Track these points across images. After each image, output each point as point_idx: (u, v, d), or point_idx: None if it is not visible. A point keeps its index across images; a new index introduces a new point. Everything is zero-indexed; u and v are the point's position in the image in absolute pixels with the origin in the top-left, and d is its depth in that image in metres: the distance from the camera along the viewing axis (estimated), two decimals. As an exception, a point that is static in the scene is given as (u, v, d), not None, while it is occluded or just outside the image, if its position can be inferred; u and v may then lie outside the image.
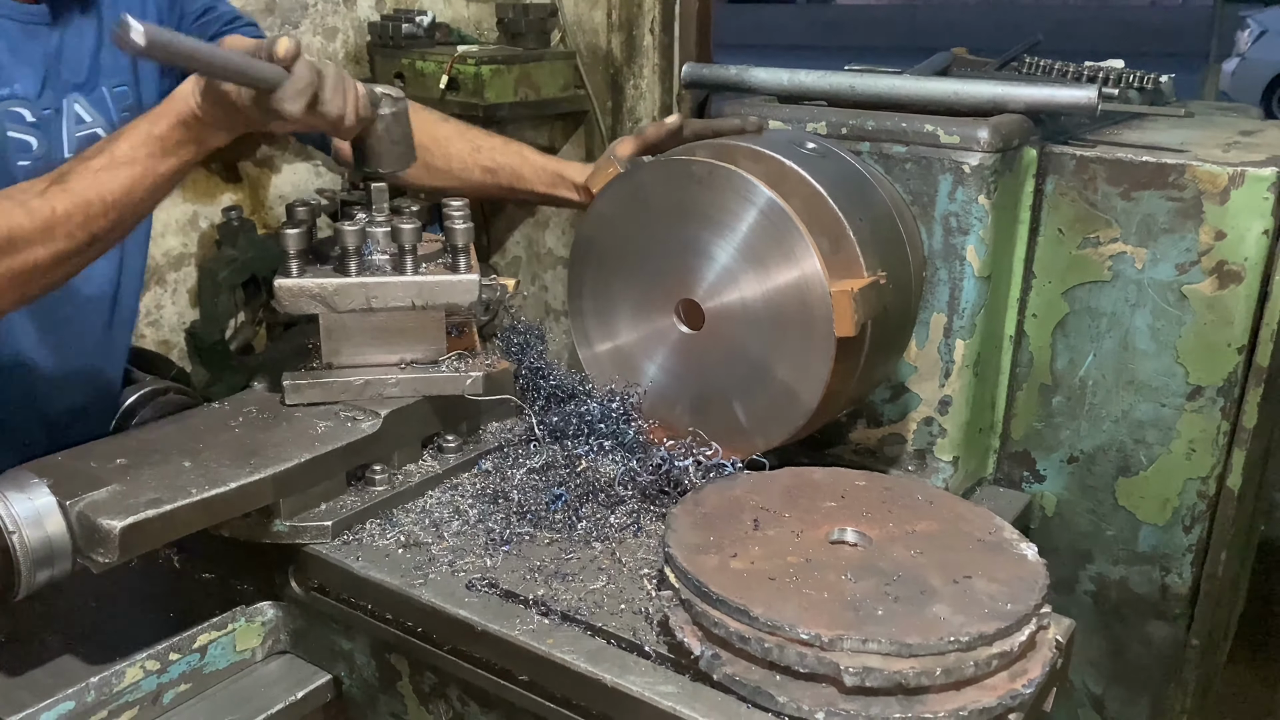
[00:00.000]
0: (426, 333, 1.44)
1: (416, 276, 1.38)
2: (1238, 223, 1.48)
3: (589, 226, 1.51)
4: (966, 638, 0.97)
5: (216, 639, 1.29)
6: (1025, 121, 1.58)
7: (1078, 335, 1.62)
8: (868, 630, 0.98)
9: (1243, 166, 1.47)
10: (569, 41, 3.57)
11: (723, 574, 1.07)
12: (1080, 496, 1.69)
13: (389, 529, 1.33)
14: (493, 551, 1.27)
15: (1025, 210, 1.62)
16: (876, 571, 1.08)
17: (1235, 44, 12.34)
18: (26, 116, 1.58)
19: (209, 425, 1.36)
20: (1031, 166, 1.60)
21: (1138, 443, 1.61)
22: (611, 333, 1.52)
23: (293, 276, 1.37)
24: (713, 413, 1.43)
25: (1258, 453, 1.65)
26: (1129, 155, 1.54)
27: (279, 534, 1.29)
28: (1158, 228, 1.53)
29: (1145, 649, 1.70)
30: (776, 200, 1.31)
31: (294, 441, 1.32)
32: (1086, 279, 1.60)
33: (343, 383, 1.42)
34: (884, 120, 1.59)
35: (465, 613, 1.16)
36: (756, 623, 1.00)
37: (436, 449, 1.47)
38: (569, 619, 1.15)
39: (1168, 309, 1.54)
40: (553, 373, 1.55)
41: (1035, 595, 1.04)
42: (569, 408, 1.46)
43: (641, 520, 1.33)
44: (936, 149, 1.54)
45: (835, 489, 1.25)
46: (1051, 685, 1.08)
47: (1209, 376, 1.54)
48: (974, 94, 1.59)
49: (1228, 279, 1.50)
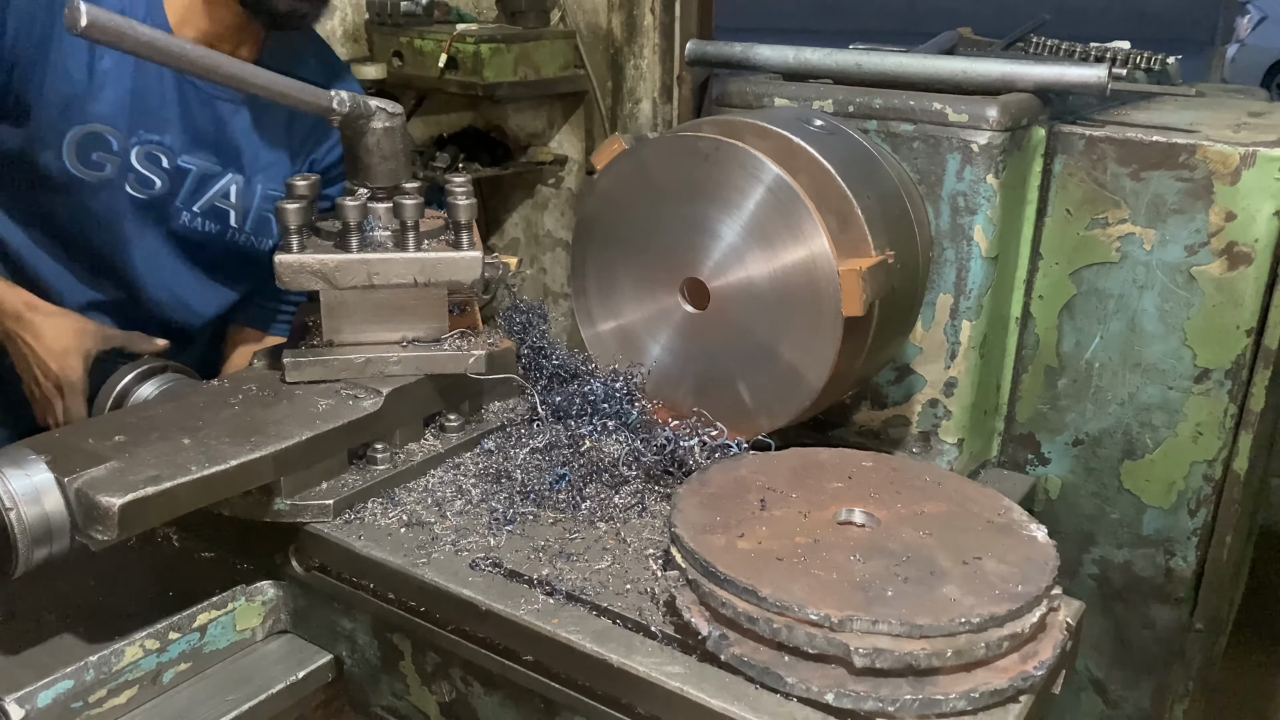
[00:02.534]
0: (428, 310, 1.43)
1: (419, 253, 1.36)
2: (1248, 204, 1.46)
3: (593, 204, 1.49)
4: (978, 619, 0.96)
5: (216, 618, 1.28)
6: (1034, 100, 1.56)
7: (1085, 317, 1.61)
8: (877, 611, 0.96)
9: (1254, 146, 1.45)
10: (569, 21, 3.54)
11: (730, 554, 1.05)
12: (1085, 479, 1.68)
13: (391, 508, 1.31)
14: (496, 531, 1.26)
15: (1033, 190, 1.60)
16: (885, 552, 1.07)
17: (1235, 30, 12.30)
18: (163, 162, 1.82)
19: (209, 403, 1.34)
20: (1040, 146, 1.58)
21: (1144, 426, 1.60)
22: (615, 312, 1.50)
23: (293, 252, 1.35)
24: (718, 393, 1.42)
25: (1264, 436, 1.64)
26: (1139, 135, 1.53)
27: (280, 512, 1.27)
28: (1167, 208, 1.51)
29: (1148, 632, 1.70)
30: (785, 177, 1.29)
31: (295, 419, 1.30)
32: (1094, 260, 1.58)
33: (344, 360, 1.40)
34: (891, 98, 1.57)
35: (469, 592, 1.15)
36: (765, 603, 0.99)
37: (439, 428, 1.45)
38: (574, 599, 1.13)
39: (1176, 291, 1.53)
40: (556, 352, 1.54)
41: (1046, 577, 1.03)
42: (572, 387, 1.45)
43: (646, 500, 1.32)
44: (944, 127, 1.52)
45: (842, 470, 1.24)
46: (1061, 667, 1.07)
47: (1217, 359, 1.53)
48: (983, 72, 1.58)
49: (1237, 261, 1.49)
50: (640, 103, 3.47)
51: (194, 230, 1.90)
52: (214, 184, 1.88)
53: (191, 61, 1.23)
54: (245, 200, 1.92)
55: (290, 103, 1.35)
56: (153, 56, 1.21)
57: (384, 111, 1.39)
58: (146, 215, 1.85)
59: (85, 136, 1.75)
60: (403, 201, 1.35)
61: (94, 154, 1.76)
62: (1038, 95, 1.57)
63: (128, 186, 1.81)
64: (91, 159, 1.77)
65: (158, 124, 1.80)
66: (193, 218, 1.89)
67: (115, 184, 1.80)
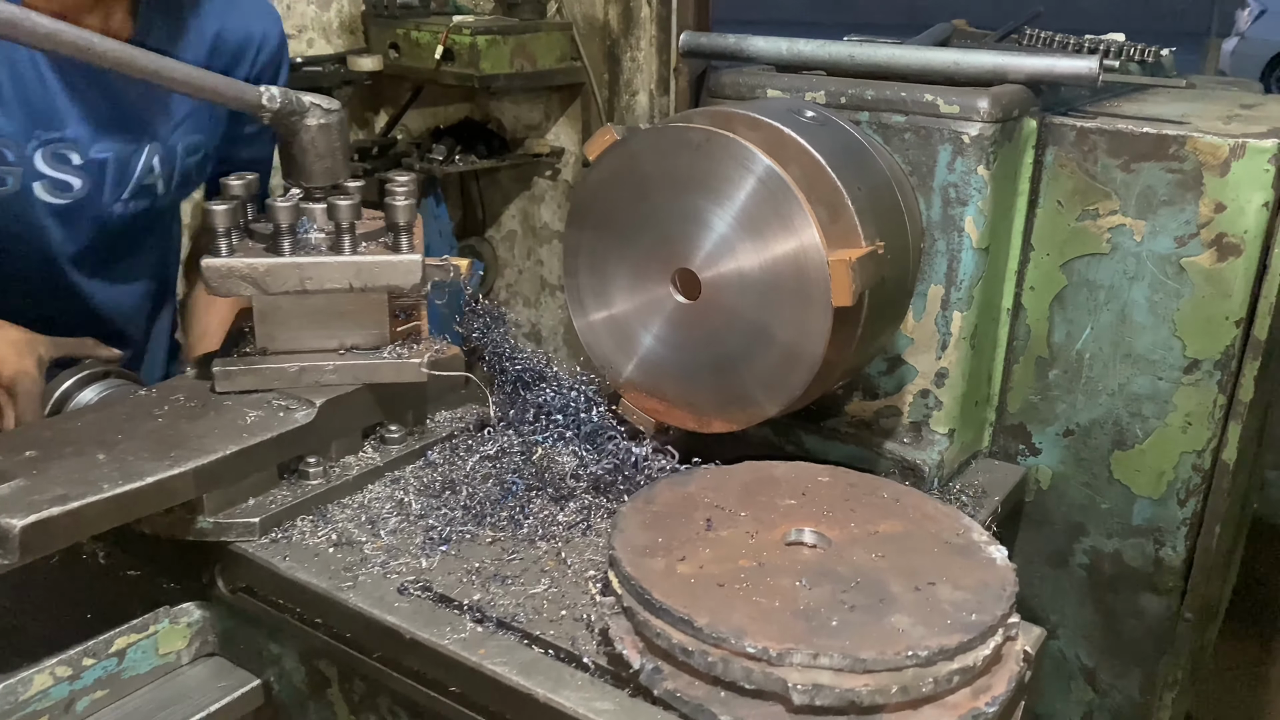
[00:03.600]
0: (368, 316, 1.36)
1: (354, 257, 1.30)
2: (1238, 195, 1.47)
3: (585, 194, 1.50)
4: (925, 652, 0.90)
5: (136, 642, 1.22)
6: (1025, 92, 1.57)
7: (1075, 308, 1.62)
8: (820, 643, 0.91)
9: (1244, 138, 1.46)
10: (565, 12, 3.54)
11: (668, 579, 1.00)
12: (1076, 470, 1.69)
13: (321, 526, 1.25)
14: (430, 551, 1.20)
15: (1024, 181, 1.61)
16: (834, 577, 1.01)
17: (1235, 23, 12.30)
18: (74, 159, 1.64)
19: (131, 414, 1.28)
20: (1031, 137, 1.59)
21: (1134, 416, 1.61)
22: (607, 302, 1.51)
23: (221, 256, 1.28)
24: (708, 383, 1.42)
25: (1253, 427, 1.65)
26: (1129, 126, 1.53)
27: (202, 531, 1.22)
28: (1157, 200, 1.52)
29: (1138, 622, 1.71)
30: (775, 168, 1.30)
31: (221, 432, 1.24)
32: (1085, 251, 1.59)
33: (277, 369, 1.33)
34: (883, 89, 1.57)
35: (394, 619, 1.09)
36: (701, 634, 0.93)
37: (379, 440, 1.40)
38: (505, 626, 1.08)
39: (1166, 282, 1.54)
40: (519, 355, 1.48)
41: (1002, 604, 0.97)
42: (528, 396, 1.40)
43: (592, 518, 1.27)
44: (936, 119, 1.52)
45: (797, 485, 1.19)
46: (1019, 700, 1.02)
47: (1206, 350, 1.53)
48: (974, 64, 1.58)
49: (1227, 252, 1.49)
50: (637, 95, 3.48)
51: (125, 218, 1.78)
52: (135, 164, 1.75)
53: (100, 55, 1.15)
54: (168, 166, 1.80)
55: (213, 99, 1.27)
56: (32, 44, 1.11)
57: (319, 108, 1.33)
58: (72, 221, 1.72)
59: None
60: (337, 202, 1.29)
61: None
62: (1029, 87, 1.58)
63: (41, 195, 1.66)
64: None
65: (51, 119, 1.64)
66: (125, 206, 1.77)
67: (24, 197, 1.65)
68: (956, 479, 1.66)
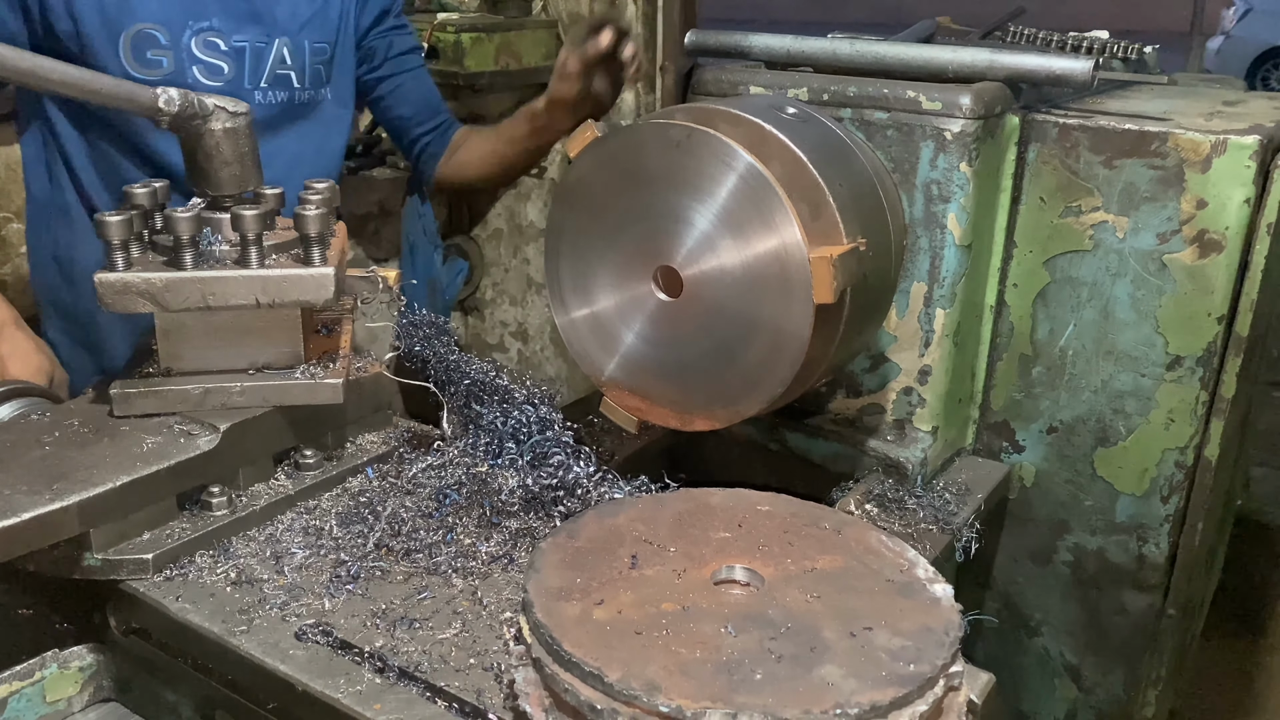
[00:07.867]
0: (280, 334, 1.27)
1: (261, 270, 1.21)
2: (1219, 191, 1.47)
3: (565, 191, 1.49)
4: (856, 709, 0.83)
5: (20, 689, 1.13)
6: (1007, 89, 1.56)
7: (1058, 305, 1.61)
8: (740, 700, 0.83)
9: (1225, 134, 1.46)
10: (551, 10, 3.53)
11: (582, 626, 0.92)
12: (1059, 467, 1.69)
13: (222, 561, 1.16)
14: (335, 590, 1.12)
15: (1007, 178, 1.60)
16: (763, 622, 0.94)
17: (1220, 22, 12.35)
18: (221, 46, 1.84)
19: (17, 442, 1.18)
20: (1013, 134, 1.58)
21: (1117, 413, 1.61)
22: (588, 299, 1.50)
23: (116, 271, 1.19)
24: (690, 381, 1.42)
25: (1235, 423, 1.65)
26: (1111, 123, 1.53)
27: (90, 569, 1.12)
28: (1139, 196, 1.52)
29: (1122, 619, 1.71)
30: (756, 165, 1.29)
31: (112, 461, 1.15)
32: (1068, 248, 1.59)
33: (180, 391, 1.24)
34: (866, 86, 1.57)
35: (286, 668, 1.02)
36: (611, 690, 0.85)
37: (294, 466, 1.31)
38: (406, 676, 1.01)
39: (1148, 278, 1.54)
40: (471, 366, 1.42)
41: (944, 652, 0.90)
42: (477, 409, 1.34)
43: (515, 551, 1.19)
44: (918, 115, 1.52)
45: (733, 516, 1.12)
46: None
47: (1189, 346, 1.53)
48: (965, 61, 1.58)
49: (1208, 248, 1.49)
50: (623, 92, 3.47)
51: (269, 106, 1.92)
52: (268, 55, 1.91)
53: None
54: (298, 60, 1.95)
55: (108, 102, 1.23)
56: None
57: (224, 110, 1.26)
58: None
59: (136, 36, 1.77)
60: (241, 212, 1.19)
61: (148, 52, 1.78)
62: (1008, 84, 1.57)
63: (196, 78, 1.82)
64: (147, 57, 1.78)
65: (200, 9, 1.83)
66: (264, 94, 1.92)
67: (177, 79, 1.78)
68: (940, 476, 1.66)
